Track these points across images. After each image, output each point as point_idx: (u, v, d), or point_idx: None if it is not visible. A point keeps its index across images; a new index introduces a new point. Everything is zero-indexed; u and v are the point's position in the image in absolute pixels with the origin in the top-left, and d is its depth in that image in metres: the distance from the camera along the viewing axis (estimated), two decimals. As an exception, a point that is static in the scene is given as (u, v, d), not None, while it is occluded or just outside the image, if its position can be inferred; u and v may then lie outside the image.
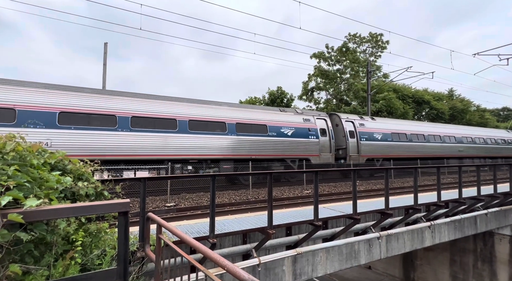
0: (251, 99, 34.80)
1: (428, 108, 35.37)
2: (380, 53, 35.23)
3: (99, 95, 10.51)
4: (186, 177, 7.59)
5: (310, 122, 14.79)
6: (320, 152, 14.56)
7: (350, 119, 16.73)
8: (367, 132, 16.77)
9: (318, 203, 5.37)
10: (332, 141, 15.17)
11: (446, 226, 8.40)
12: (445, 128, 22.47)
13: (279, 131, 13.53)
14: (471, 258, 11.59)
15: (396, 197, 8.35)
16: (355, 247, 6.60)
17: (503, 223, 10.31)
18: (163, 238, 1.98)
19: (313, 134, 14.54)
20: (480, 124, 34.69)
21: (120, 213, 1.69)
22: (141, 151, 10.41)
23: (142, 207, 3.50)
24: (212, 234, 4.17)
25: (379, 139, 17.19)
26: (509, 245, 10.60)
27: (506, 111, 54.61)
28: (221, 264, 1.15)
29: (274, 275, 5.41)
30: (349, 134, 16.04)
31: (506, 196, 9.51)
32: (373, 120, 17.94)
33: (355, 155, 15.98)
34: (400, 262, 14.04)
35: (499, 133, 27.73)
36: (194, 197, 10.58)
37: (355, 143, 16.11)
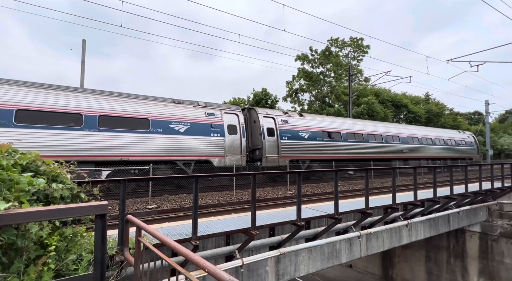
0: (235, 100, 34.72)
1: (406, 111, 36.84)
2: (361, 57, 36.34)
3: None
4: (168, 178, 7.44)
5: (215, 117, 12.48)
6: (227, 153, 12.41)
7: (270, 114, 14.58)
8: (291, 129, 14.72)
9: (301, 203, 5.44)
10: (243, 140, 12.95)
11: (422, 224, 8.76)
12: (388, 128, 20.86)
13: (167, 127, 11.12)
14: (445, 254, 12.16)
15: (376, 197, 8.62)
16: (336, 246, 6.74)
17: (473, 221, 10.91)
18: (142, 241, 1.93)
19: (217, 131, 12.26)
20: (453, 127, 36.51)
21: (97, 216, 1.63)
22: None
23: (122, 209, 3.39)
24: (194, 236, 4.12)
25: (306, 138, 15.20)
26: (479, 241, 11.23)
27: (477, 115, 57.85)
28: (202, 266, 1.14)
29: (257, 276, 5.42)
30: (266, 132, 13.85)
31: (476, 195, 10.07)
32: (300, 117, 15.94)
33: (273, 156, 13.88)
34: (380, 260, 14.50)
35: (449, 134, 26.56)
36: (177, 198, 10.39)
37: (274, 142, 13.98)
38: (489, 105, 33.45)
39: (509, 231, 10.52)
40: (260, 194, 11.62)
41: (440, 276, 12.29)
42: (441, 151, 23.83)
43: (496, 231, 10.81)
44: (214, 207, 8.70)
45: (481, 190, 10.11)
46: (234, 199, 10.46)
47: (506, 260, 10.54)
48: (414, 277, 13.13)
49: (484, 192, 10.31)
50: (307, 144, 15.16)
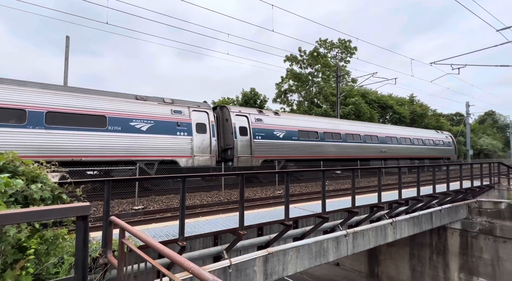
0: (224, 100, 34.57)
1: (391, 112, 37.75)
2: (349, 59, 36.95)
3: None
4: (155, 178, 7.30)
5: (182, 114, 11.80)
6: (195, 153, 11.76)
7: (244, 113, 13.99)
8: (265, 128, 14.20)
9: (288, 203, 5.48)
10: (213, 139, 12.33)
11: (406, 222, 9.00)
12: (367, 127, 20.64)
13: (127, 125, 10.42)
14: (428, 251, 12.55)
15: (362, 196, 8.79)
16: (324, 245, 6.82)
17: (454, 218, 11.30)
18: (126, 242, 1.89)
19: (184, 129, 11.60)
20: (436, 128, 37.68)
21: (79, 217, 1.58)
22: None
23: (106, 210, 3.31)
24: (181, 237, 4.07)
25: (281, 137, 14.72)
26: (460, 238, 11.65)
27: (458, 116, 59.97)
28: (186, 267, 1.13)
29: (245, 276, 5.41)
30: (239, 130, 13.28)
31: (457, 193, 10.44)
32: (276, 115, 15.42)
33: (245, 156, 13.28)
34: (366, 258, 14.79)
35: (428, 134, 26.66)
36: (164, 199, 10.24)
37: (247, 142, 13.40)
38: (469, 106, 34.75)
39: (487, 228, 10.97)
40: (248, 194, 11.62)
41: (423, 273, 12.67)
42: (419, 151, 23.95)
43: (476, 228, 11.25)
44: (202, 208, 8.63)
45: (462, 188, 10.50)
46: (222, 199, 10.41)
47: (484, 256, 10.99)
48: (398, 274, 13.48)
49: (464, 190, 10.71)
50: (282, 143, 14.74)
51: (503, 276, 10.51)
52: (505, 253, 10.52)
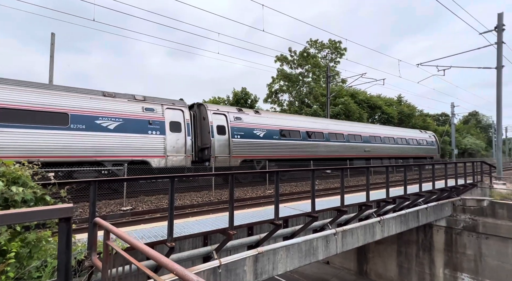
0: (214, 99, 34.39)
1: (380, 112, 38.45)
2: (339, 59, 37.41)
3: None
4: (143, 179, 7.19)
5: (155, 112, 11.31)
6: (168, 153, 11.30)
7: (222, 111, 13.57)
8: (244, 127, 13.80)
9: (278, 202, 5.50)
10: (188, 138, 11.87)
11: (394, 220, 9.18)
12: (350, 126, 20.51)
13: (92, 123, 9.83)
14: (414, 248, 12.85)
15: (351, 195, 8.92)
16: (313, 243, 6.89)
17: (439, 216, 11.62)
18: (110, 244, 1.85)
19: (156, 128, 11.14)
20: (422, 128, 38.61)
21: (62, 219, 1.54)
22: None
23: (92, 212, 3.24)
24: (170, 238, 4.03)
25: (262, 136, 14.35)
26: (445, 235, 11.98)
27: (444, 116, 61.65)
28: (170, 268, 1.11)
29: (235, 275, 5.40)
30: (216, 129, 12.87)
31: (442, 192, 10.74)
32: (256, 114, 15.02)
33: (223, 156, 12.89)
34: (355, 256, 15.02)
35: (411, 133, 26.78)
36: (154, 199, 10.11)
37: (225, 142, 13.01)
38: (454, 107, 35.77)
39: (470, 224, 11.32)
40: (239, 193, 11.60)
41: (410, 269, 12.97)
42: (403, 150, 24.05)
43: (460, 225, 11.60)
44: (192, 208, 8.57)
45: (447, 187, 10.80)
46: (213, 199, 10.37)
47: (468, 252, 11.34)
48: (386, 271, 13.75)
49: (449, 188, 11.02)
50: (262, 143, 14.36)
51: (485, 271, 10.88)
52: (487, 249, 10.89)
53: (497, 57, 13.73)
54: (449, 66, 16.59)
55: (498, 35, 13.55)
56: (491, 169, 14.77)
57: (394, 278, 13.42)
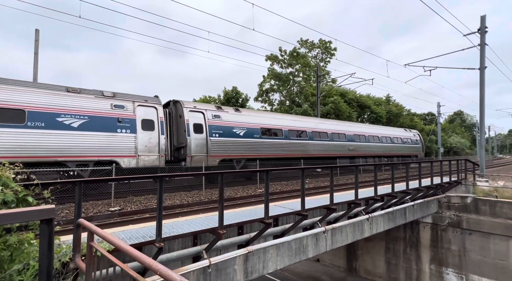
0: (205, 98, 34.17)
1: (369, 111, 39.09)
2: (329, 59, 37.79)
3: None
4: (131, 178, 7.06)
5: (125, 109, 10.75)
6: (140, 152, 10.78)
7: (199, 109, 13.03)
8: (223, 126, 13.38)
9: (268, 201, 5.52)
10: (161, 137, 11.36)
11: (382, 217, 9.37)
12: (334, 125, 20.23)
13: (53, 121, 9.24)
14: (402, 245, 13.15)
15: (340, 193, 9.04)
16: (303, 242, 6.95)
17: (426, 213, 11.92)
18: (94, 245, 1.82)
19: (126, 126, 10.62)
20: (410, 127, 39.49)
21: (43, 220, 1.50)
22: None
23: (77, 213, 3.17)
24: (158, 238, 3.98)
25: (242, 135, 13.93)
26: (431, 231, 12.31)
27: (430, 115, 63.25)
28: (154, 268, 1.10)
29: (225, 275, 5.40)
30: (193, 128, 12.36)
31: (428, 189, 11.02)
32: (236, 112, 14.64)
33: (200, 155, 12.38)
34: (344, 253, 15.24)
35: (396, 132, 26.81)
36: (143, 199, 9.98)
37: (202, 140, 12.51)
38: (440, 107, 36.71)
39: (455, 221, 11.67)
40: (230, 193, 11.58)
41: (397, 265, 13.26)
42: (388, 149, 24.02)
43: (445, 221, 11.93)
44: (181, 208, 8.50)
45: (432, 184, 11.09)
46: (203, 198, 10.31)
47: (452, 247, 11.69)
48: (375, 267, 14.02)
49: (435, 186, 11.31)
50: (242, 141, 13.92)
51: (469, 266, 11.24)
52: (471, 244, 11.25)
53: (480, 59, 14.16)
54: (435, 67, 17.02)
55: (481, 37, 13.98)
56: (474, 167, 15.25)
57: (383, 274, 13.70)
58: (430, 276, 12.21)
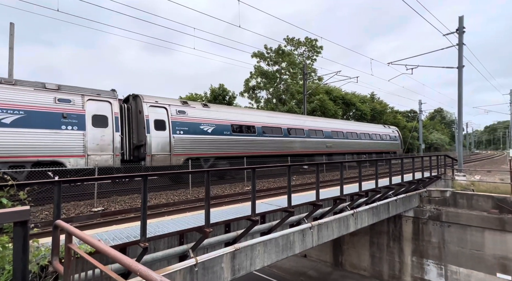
0: (192, 96, 33.74)
1: (354, 109, 39.86)
2: (315, 57, 38.15)
3: None
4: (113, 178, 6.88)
5: (71, 104, 9.75)
6: (90, 151, 9.86)
7: (161, 104, 12.13)
8: (189, 122, 12.57)
9: (255, 199, 5.53)
10: (116, 134, 10.51)
11: (366, 212, 9.60)
12: (311, 121, 19.79)
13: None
14: (385, 238, 13.56)
15: (326, 190, 9.19)
16: (290, 238, 7.02)
17: (408, 207, 12.33)
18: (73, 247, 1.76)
19: (73, 123, 9.61)
20: (393, 124, 40.61)
21: (17, 223, 1.43)
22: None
23: (56, 214, 3.06)
24: (143, 238, 3.91)
25: (210, 132, 13.22)
26: (412, 224, 12.75)
27: (412, 113, 65.27)
28: (134, 269, 1.08)
29: (212, 273, 5.38)
30: (154, 124, 11.54)
31: (410, 184, 11.39)
32: (204, 107, 13.80)
33: (162, 154, 11.60)
34: (331, 249, 15.55)
35: (375, 128, 26.66)
36: (127, 199, 9.76)
37: (165, 138, 11.73)
38: (422, 104, 37.92)
39: (435, 214, 12.14)
40: (217, 191, 11.53)
41: (381, 258, 13.67)
42: (366, 146, 23.85)
43: (425, 215, 12.39)
44: (167, 207, 8.38)
45: (414, 179, 11.48)
46: (190, 197, 10.21)
47: (432, 240, 12.17)
48: (360, 261, 14.39)
49: (416, 181, 11.71)
50: (211, 139, 13.21)
51: (448, 257, 11.74)
52: (449, 236, 11.75)
53: (458, 58, 14.72)
54: (417, 65, 17.54)
55: (459, 37, 14.52)
56: (453, 162, 15.89)
57: (367, 267, 14.09)
58: (412, 267, 12.68)
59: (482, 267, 10.94)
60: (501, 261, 10.57)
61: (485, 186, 12.70)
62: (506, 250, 10.51)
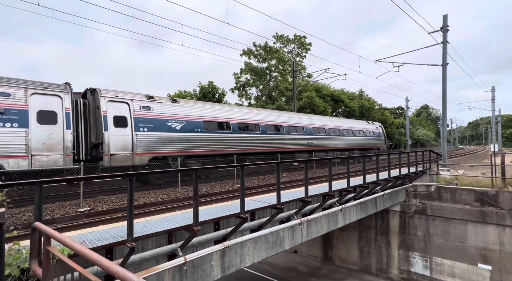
0: (180, 93, 33.32)
1: (343, 106, 40.34)
2: (304, 54, 38.30)
3: None
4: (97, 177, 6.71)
5: (11, 98, 8.81)
6: (34, 152, 8.93)
7: (122, 99, 11.23)
8: (155, 118, 11.82)
9: (244, 196, 5.53)
10: (67, 132, 9.66)
11: (354, 208, 9.77)
12: (291, 118, 19.02)
13: None
14: (373, 233, 13.86)
15: (315, 186, 9.29)
16: (280, 234, 7.07)
17: (395, 202, 12.63)
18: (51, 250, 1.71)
19: (12, 119, 8.70)
20: (381, 120, 41.37)
21: (-9, 226, 1.37)
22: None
23: (38, 215, 2.96)
24: (130, 238, 3.85)
25: (179, 129, 12.48)
26: (399, 219, 13.07)
27: (400, 109, 66.65)
28: (112, 271, 1.05)
29: (202, 271, 5.36)
30: (113, 121, 10.70)
31: (397, 179, 11.65)
32: (173, 103, 13.01)
33: (123, 153, 10.77)
34: (320, 244, 15.77)
35: (358, 124, 26.32)
36: (114, 198, 9.59)
37: (126, 136, 10.91)
38: (408, 101, 38.75)
39: (420, 208, 12.48)
40: (206, 189, 11.48)
41: (369, 252, 13.98)
42: (349, 142, 23.44)
43: (412, 209, 12.73)
44: (156, 206, 8.29)
45: (401, 175, 11.74)
46: (179, 196, 10.13)
47: (418, 233, 12.52)
48: (349, 255, 14.67)
49: (402, 176, 11.99)
50: (180, 136, 12.43)
51: (432, 249, 12.12)
52: (434, 229, 12.12)
53: (442, 56, 15.08)
54: (403, 63, 17.87)
55: (443, 35, 14.87)
56: (438, 157, 16.34)
57: (356, 261, 14.38)
58: (399, 260, 13.02)
59: (464, 258, 11.35)
60: (482, 252, 10.99)
61: (467, 180, 13.13)
62: (487, 241, 10.93)
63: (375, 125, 29.71)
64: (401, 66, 17.91)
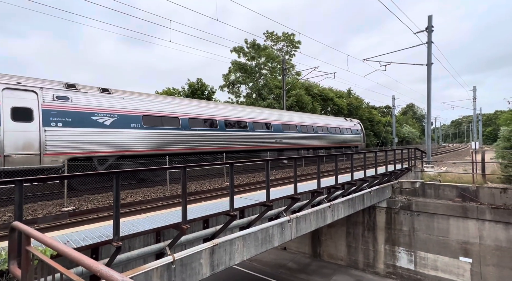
0: (169, 90, 32.82)
1: (332, 104, 40.82)
2: (294, 52, 38.45)
3: None
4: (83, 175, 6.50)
5: None
6: None
7: (28, 86, 9.30)
8: (75, 111, 9.98)
9: (233, 194, 5.51)
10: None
11: (343, 204, 9.93)
12: (256, 113, 17.42)
13: None
14: (361, 229, 14.15)
15: (304, 183, 9.38)
16: (269, 231, 7.10)
17: (381, 198, 12.92)
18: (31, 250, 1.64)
19: None
20: (368, 119, 42.14)
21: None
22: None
23: (18, 215, 2.85)
24: (116, 237, 3.77)
25: (109, 125, 10.70)
26: (385, 215, 13.39)
27: (387, 108, 68.08)
28: (95, 269, 1.02)
29: (190, 269, 5.32)
30: (11, 114, 8.83)
31: (383, 176, 11.91)
32: (103, 93, 11.04)
33: (25, 153, 8.90)
34: (309, 240, 15.97)
35: (334, 121, 25.19)
36: (101, 197, 9.37)
37: (30, 133, 9.07)
38: (395, 100, 39.62)
39: (406, 204, 12.82)
40: (196, 187, 11.39)
41: (357, 248, 14.27)
42: (324, 140, 22.18)
43: (397, 205, 13.06)
44: (144, 204, 8.16)
45: (387, 172, 12.01)
46: (168, 194, 10.00)
47: (403, 228, 12.87)
48: (337, 251, 14.93)
49: (389, 173, 12.27)
50: (109, 133, 10.69)
51: (417, 244, 12.49)
52: (418, 225, 12.49)
53: (427, 55, 15.47)
54: (390, 62, 18.22)
55: (428, 35, 15.24)
56: (422, 155, 16.82)
57: (344, 257, 14.65)
58: (385, 255, 13.35)
59: (447, 252, 11.76)
60: (463, 245, 11.42)
61: (450, 177, 13.58)
62: (467, 235, 11.36)
63: (354, 122, 28.37)
64: (388, 66, 18.28)
